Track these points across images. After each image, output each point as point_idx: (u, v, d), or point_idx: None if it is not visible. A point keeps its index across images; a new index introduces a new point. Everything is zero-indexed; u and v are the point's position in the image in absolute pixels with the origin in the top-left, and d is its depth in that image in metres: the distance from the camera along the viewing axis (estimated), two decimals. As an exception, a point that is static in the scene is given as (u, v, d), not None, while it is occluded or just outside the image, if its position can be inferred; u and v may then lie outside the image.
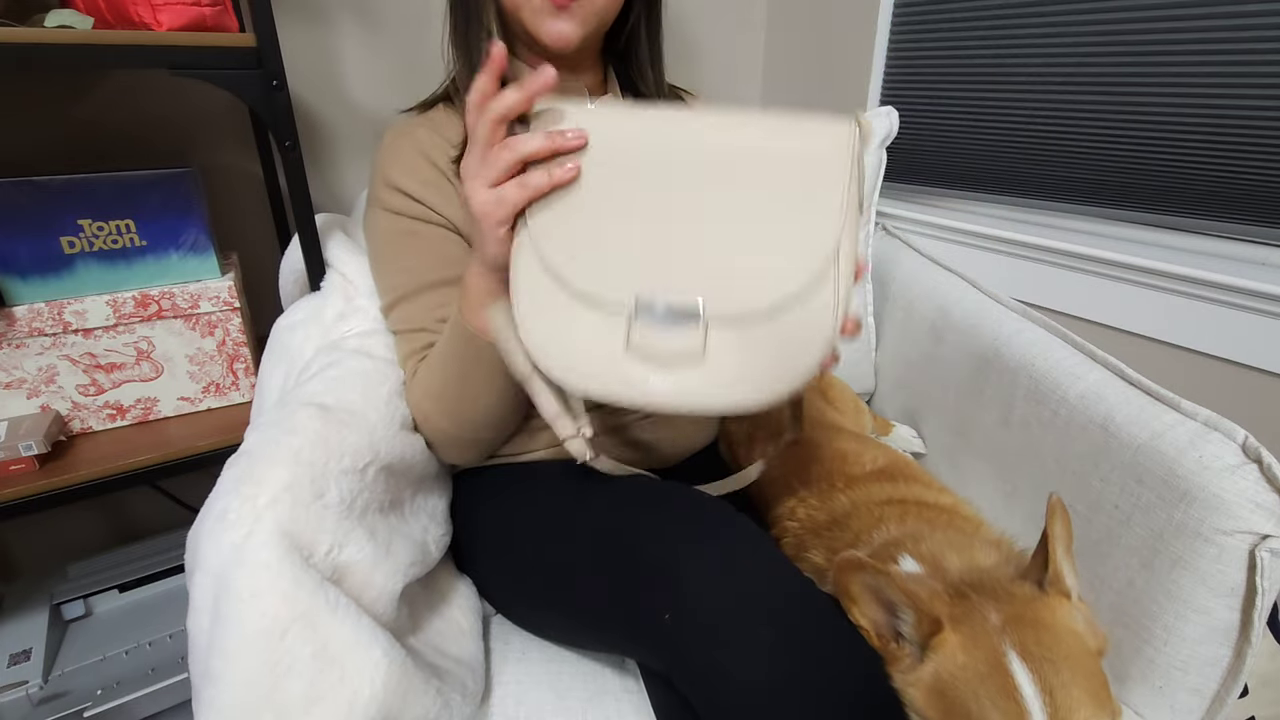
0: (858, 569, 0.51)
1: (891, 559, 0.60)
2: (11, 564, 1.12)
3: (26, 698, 0.86)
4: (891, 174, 1.22)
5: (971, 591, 0.52)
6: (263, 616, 0.48)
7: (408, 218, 0.70)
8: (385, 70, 1.13)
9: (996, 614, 0.50)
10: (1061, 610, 0.50)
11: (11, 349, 0.81)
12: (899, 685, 0.51)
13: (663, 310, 0.49)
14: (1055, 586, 0.51)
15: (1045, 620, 0.49)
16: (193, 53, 0.70)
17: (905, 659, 0.51)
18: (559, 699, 0.65)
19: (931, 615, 0.49)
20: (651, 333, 0.49)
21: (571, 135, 0.50)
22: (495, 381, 0.63)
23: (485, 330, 0.59)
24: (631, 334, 0.49)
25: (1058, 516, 0.52)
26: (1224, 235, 0.91)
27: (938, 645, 0.49)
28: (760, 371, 0.49)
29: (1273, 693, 0.67)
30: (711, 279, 0.50)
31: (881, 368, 1.18)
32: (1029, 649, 0.47)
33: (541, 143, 0.50)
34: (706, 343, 0.49)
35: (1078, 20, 0.98)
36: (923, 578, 0.56)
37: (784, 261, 0.50)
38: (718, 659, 0.50)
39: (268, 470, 0.53)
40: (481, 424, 0.68)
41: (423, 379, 0.68)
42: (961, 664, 0.48)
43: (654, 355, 0.49)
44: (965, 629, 0.49)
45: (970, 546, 0.60)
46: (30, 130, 0.93)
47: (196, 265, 0.88)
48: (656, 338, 0.49)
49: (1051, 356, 0.79)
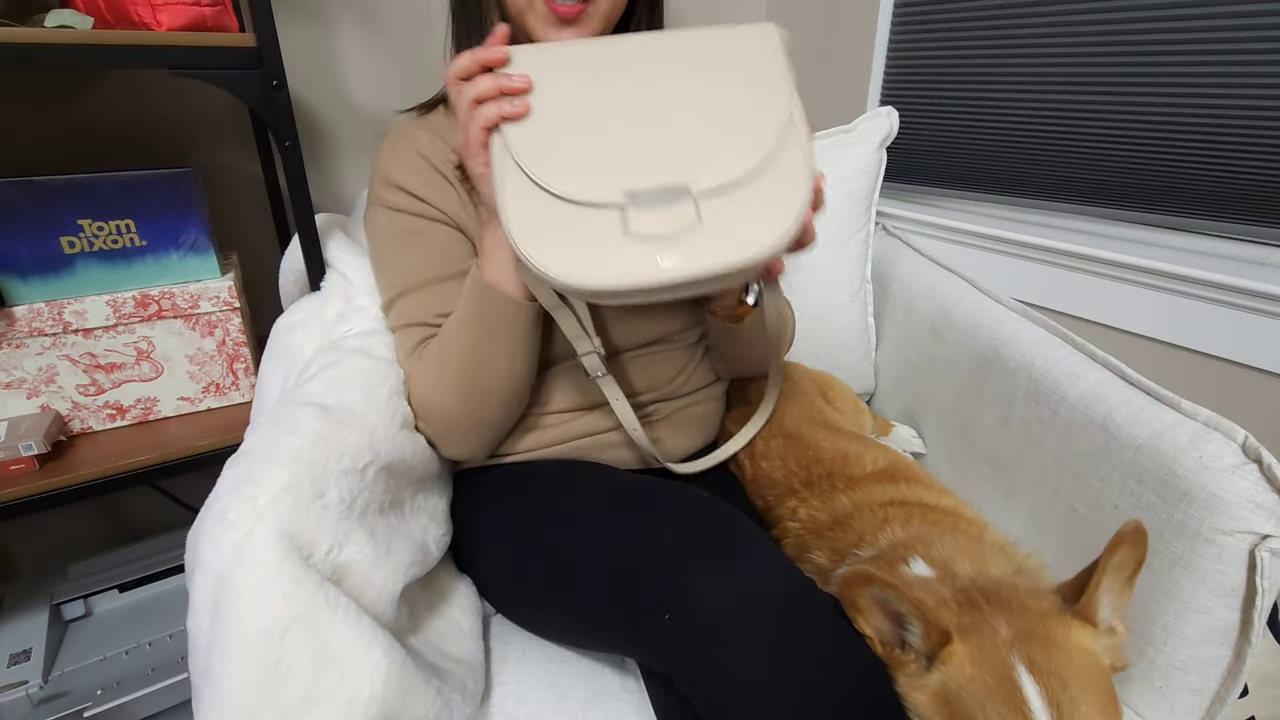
0: (867, 582, 0.51)
1: (902, 560, 0.59)
2: (11, 564, 1.12)
3: (26, 698, 0.86)
4: (891, 174, 1.22)
5: (983, 600, 0.51)
6: (263, 616, 0.48)
7: (409, 215, 0.70)
8: (385, 70, 1.13)
9: (1007, 626, 0.49)
10: (1076, 629, 0.49)
11: (11, 349, 0.81)
12: (903, 690, 0.50)
13: (652, 195, 0.54)
14: (1082, 613, 0.50)
15: (1057, 637, 0.48)
16: (193, 53, 0.70)
17: (910, 666, 0.51)
18: (559, 699, 0.65)
19: (940, 627, 0.49)
20: (647, 216, 0.53)
21: (518, 79, 0.56)
22: (513, 340, 0.66)
23: (502, 283, 0.63)
24: (629, 221, 0.53)
25: (1126, 546, 0.50)
26: (1224, 235, 0.91)
27: (946, 656, 0.49)
28: (756, 223, 0.54)
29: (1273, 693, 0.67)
30: (687, 161, 0.55)
31: (881, 368, 1.18)
32: (1038, 664, 0.46)
33: (488, 84, 0.56)
34: (700, 213, 0.53)
35: (1078, 20, 0.98)
36: (932, 582, 0.56)
37: (747, 133, 0.56)
38: (718, 659, 0.50)
39: (268, 470, 0.53)
40: (493, 397, 0.68)
41: (431, 359, 0.68)
42: (970, 676, 0.47)
43: (655, 235, 0.53)
44: (974, 640, 0.49)
45: (981, 553, 0.60)
46: (30, 130, 0.93)
47: (196, 265, 0.88)
48: (653, 219, 0.53)
49: (1051, 356, 0.79)
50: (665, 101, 0.57)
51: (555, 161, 0.55)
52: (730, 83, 0.58)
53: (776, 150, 0.55)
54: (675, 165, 0.55)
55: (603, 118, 0.56)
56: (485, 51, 0.57)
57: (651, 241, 0.52)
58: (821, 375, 1.05)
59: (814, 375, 1.04)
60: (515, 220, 0.54)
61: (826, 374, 1.06)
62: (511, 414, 0.73)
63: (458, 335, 0.67)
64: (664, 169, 0.55)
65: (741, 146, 0.55)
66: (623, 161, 0.55)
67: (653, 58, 0.58)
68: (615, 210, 0.53)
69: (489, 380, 0.67)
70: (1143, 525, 0.50)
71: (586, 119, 0.57)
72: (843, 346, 1.15)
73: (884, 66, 1.27)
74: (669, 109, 0.57)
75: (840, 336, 1.14)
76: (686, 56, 0.58)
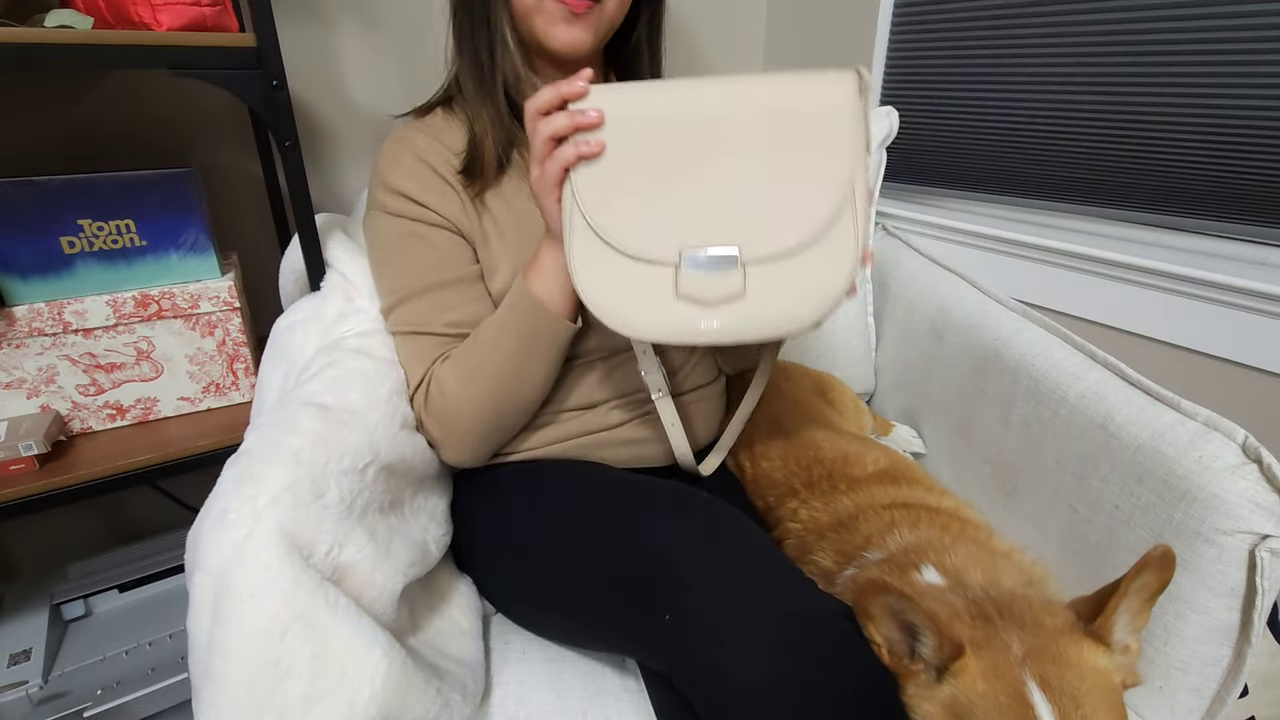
0: (882, 592, 0.50)
1: (913, 566, 0.59)
2: (11, 564, 1.11)
3: (26, 698, 0.86)
4: (891, 174, 1.22)
5: (996, 614, 0.51)
6: (263, 616, 0.48)
7: (409, 219, 0.70)
8: (385, 70, 1.13)
9: (1020, 642, 0.49)
10: (1089, 648, 0.49)
11: (11, 349, 0.81)
12: (912, 700, 0.50)
13: (705, 260, 0.56)
14: (1097, 633, 0.50)
15: (1070, 656, 0.48)
16: (193, 53, 0.70)
17: (920, 677, 0.51)
18: (559, 699, 0.65)
19: (954, 640, 0.49)
20: (697, 280, 0.57)
21: (593, 114, 0.57)
22: (553, 354, 0.68)
23: (553, 300, 0.65)
24: (680, 283, 0.57)
25: (1152, 570, 0.49)
26: (1224, 235, 0.91)
27: (958, 670, 0.48)
28: (797, 299, 0.57)
29: (1273, 693, 0.67)
30: (743, 227, 0.57)
31: (881, 368, 1.18)
32: (1051, 683, 0.46)
33: (564, 121, 0.57)
34: (746, 283, 0.56)
35: (1078, 20, 0.98)
36: (944, 591, 0.55)
37: (806, 203, 0.56)
38: (718, 659, 0.50)
39: (268, 470, 0.53)
40: (519, 405, 0.70)
41: (465, 366, 0.68)
42: (982, 692, 0.47)
43: (700, 298, 0.57)
44: (987, 655, 0.48)
45: (993, 562, 0.59)
46: (30, 130, 0.93)
47: (196, 265, 0.88)
48: (702, 284, 0.57)
49: (1051, 356, 0.79)
50: (731, 160, 0.57)
51: (618, 212, 0.58)
52: (799, 145, 0.57)
53: (832, 223, 0.56)
54: (730, 230, 0.57)
55: (668, 170, 0.57)
56: (568, 85, 0.57)
57: (698, 304, 0.57)
58: (821, 375, 1.05)
59: (814, 375, 1.04)
60: (578, 262, 0.59)
61: (826, 374, 1.06)
62: (525, 422, 0.74)
63: (498, 345, 0.67)
64: (719, 233, 0.57)
65: (797, 217, 0.56)
66: (682, 220, 0.57)
67: (726, 108, 0.57)
68: (669, 268, 0.57)
69: (524, 390, 0.69)
70: (1171, 550, 0.49)
71: (652, 170, 0.57)
72: (843, 346, 1.15)
73: (884, 66, 1.27)
74: (734, 168, 0.57)
75: (840, 336, 1.14)
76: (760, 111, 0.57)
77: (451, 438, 0.70)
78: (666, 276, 0.57)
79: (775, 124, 0.56)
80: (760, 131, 0.57)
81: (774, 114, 0.56)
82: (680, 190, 0.57)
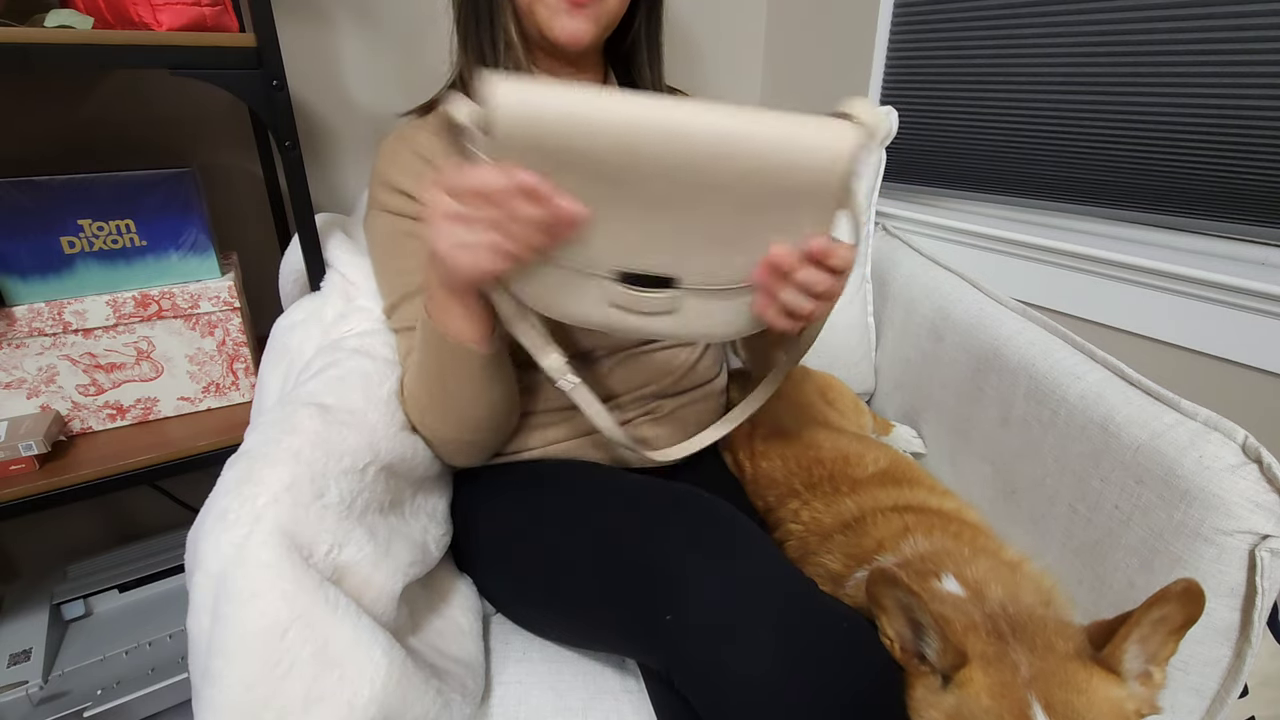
0: (892, 584, 0.50)
1: (933, 574, 0.58)
2: (11, 564, 1.12)
3: (26, 698, 0.86)
4: (891, 174, 1.22)
5: (1009, 631, 0.51)
6: (262, 616, 0.48)
7: (409, 218, 0.70)
8: (385, 70, 1.13)
9: (1029, 664, 0.48)
10: (1098, 675, 0.48)
11: (11, 349, 0.81)
12: (918, 703, 0.50)
13: (643, 281, 0.56)
14: (1105, 661, 0.49)
15: (1079, 681, 0.47)
16: (193, 53, 0.70)
17: (928, 679, 0.50)
18: (559, 699, 0.65)
19: (958, 648, 0.48)
20: (633, 295, 0.57)
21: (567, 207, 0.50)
22: (474, 380, 0.63)
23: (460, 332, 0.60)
24: (615, 296, 0.57)
25: (1172, 604, 0.47)
26: (1224, 235, 0.91)
27: (963, 681, 0.48)
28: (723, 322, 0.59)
29: (1273, 693, 0.67)
30: (686, 263, 0.56)
31: (881, 368, 1.18)
32: (1056, 708, 0.45)
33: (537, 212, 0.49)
34: (681, 304, 0.58)
35: (1078, 20, 0.98)
36: (964, 602, 0.55)
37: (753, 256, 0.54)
38: (718, 659, 0.50)
39: (268, 470, 0.53)
40: (472, 425, 0.67)
41: (409, 384, 0.68)
42: (985, 707, 0.46)
43: (634, 309, 0.58)
44: (994, 672, 0.48)
45: (1012, 578, 0.59)
46: (30, 130, 0.93)
47: (196, 265, 0.88)
48: (637, 300, 0.57)
49: (1051, 356, 0.79)
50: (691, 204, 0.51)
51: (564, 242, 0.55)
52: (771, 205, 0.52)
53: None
54: (673, 264, 0.55)
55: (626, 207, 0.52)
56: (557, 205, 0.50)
57: (629, 312, 0.58)
58: (821, 375, 1.05)
59: (814, 376, 1.04)
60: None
61: (826, 374, 1.06)
62: (501, 433, 0.72)
63: (422, 373, 0.65)
64: (662, 264, 0.55)
65: (745, 266, 0.55)
66: (629, 250, 0.55)
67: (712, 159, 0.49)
68: (608, 281, 0.56)
69: (465, 412, 0.66)
70: (1196, 585, 0.46)
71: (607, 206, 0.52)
72: (843, 346, 1.15)
73: (884, 66, 1.27)
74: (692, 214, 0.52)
75: (840, 336, 1.14)
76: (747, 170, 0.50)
77: (432, 445, 0.70)
78: (604, 287, 0.56)
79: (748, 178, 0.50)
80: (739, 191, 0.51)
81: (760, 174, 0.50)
82: (629, 225, 0.53)
